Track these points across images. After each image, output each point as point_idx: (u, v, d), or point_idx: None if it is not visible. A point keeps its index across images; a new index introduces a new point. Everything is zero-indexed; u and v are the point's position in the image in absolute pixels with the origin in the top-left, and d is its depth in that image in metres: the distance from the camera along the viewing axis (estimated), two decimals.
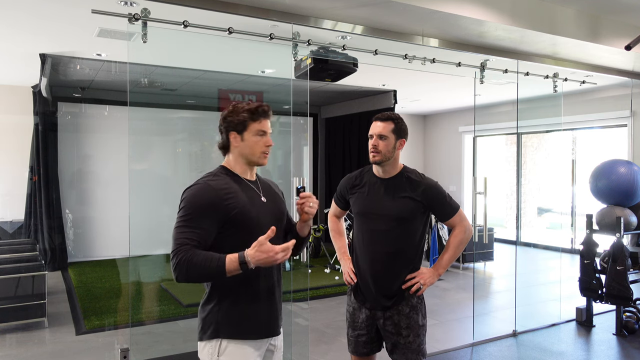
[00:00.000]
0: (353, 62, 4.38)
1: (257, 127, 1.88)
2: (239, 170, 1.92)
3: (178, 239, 1.73)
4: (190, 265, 1.68)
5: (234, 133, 1.88)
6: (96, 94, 7.43)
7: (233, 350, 1.82)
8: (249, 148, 1.88)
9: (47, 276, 4.72)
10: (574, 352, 4.23)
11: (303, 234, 2.03)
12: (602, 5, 4.22)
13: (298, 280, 5.89)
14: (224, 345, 1.82)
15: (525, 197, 10.05)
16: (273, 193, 2.02)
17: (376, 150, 2.34)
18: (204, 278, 1.77)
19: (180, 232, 1.74)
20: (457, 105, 9.20)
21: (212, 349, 1.83)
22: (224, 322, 1.83)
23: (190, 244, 1.71)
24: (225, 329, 1.82)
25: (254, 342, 1.86)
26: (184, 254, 1.69)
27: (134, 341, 4.20)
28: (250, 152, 1.89)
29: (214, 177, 1.86)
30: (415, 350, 2.35)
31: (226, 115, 1.91)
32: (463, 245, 2.41)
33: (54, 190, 6.94)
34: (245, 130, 1.87)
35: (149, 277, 6.53)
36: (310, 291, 5.69)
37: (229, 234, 1.81)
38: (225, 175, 1.89)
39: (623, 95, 6.60)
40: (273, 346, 1.97)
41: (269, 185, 2.04)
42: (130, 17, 3.18)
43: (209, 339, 1.84)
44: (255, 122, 1.88)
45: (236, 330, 1.83)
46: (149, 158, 7.87)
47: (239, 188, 1.87)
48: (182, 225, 1.75)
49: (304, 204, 1.94)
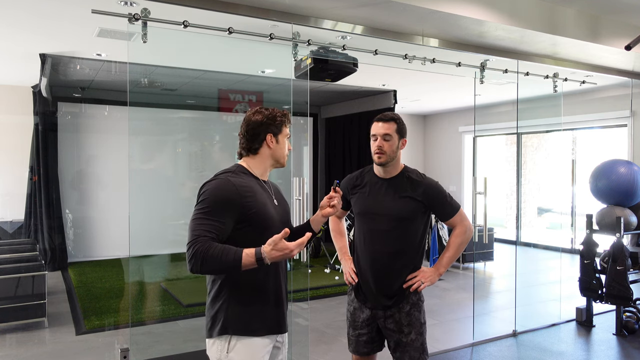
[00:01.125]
0: (353, 62, 4.38)
1: (287, 131, 2.02)
2: (259, 172, 1.99)
3: (196, 230, 1.74)
4: (207, 257, 1.69)
5: (270, 135, 1.96)
6: (96, 94, 7.44)
7: (242, 347, 1.85)
8: (281, 150, 2.00)
9: (47, 276, 4.72)
10: (574, 352, 4.23)
11: (317, 230, 2.09)
12: (602, 5, 4.22)
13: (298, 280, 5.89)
14: (233, 342, 1.84)
15: (525, 197, 10.05)
16: (281, 197, 2.09)
17: (381, 151, 2.34)
18: (218, 271, 1.78)
19: (198, 224, 1.76)
20: (457, 105, 9.20)
21: (221, 346, 1.85)
22: (233, 319, 1.85)
23: (208, 235, 1.73)
24: (234, 325, 1.85)
25: (262, 338, 1.89)
26: (201, 245, 1.71)
27: (134, 341, 4.20)
28: (282, 154, 2.01)
29: (233, 175, 1.90)
30: (419, 349, 2.36)
31: (263, 118, 1.96)
32: (464, 245, 2.42)
33: (54, 190, 6.94)
34: (280, 133, 1.99)
35: (149, 277, 6.52)
36: (310, 291, 5.69)
37: (243, 232, 1.84)
38: (244, 174, 1.94)
39: (623, 95, 6.60)
40: (280, 343, 2.01)
41: (277, 189, 2.11)
42: (130, 17, 3.18)
43: (218, 336, 1.86)
44: (287, 126, 2.02)
45: (245, 327, 1.85)
46: (149, 158, 7.87)
47: (259, 188, 1.93)
48: (201, 217, 1.77)
49: (335, 198, 2.03)
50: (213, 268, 1.73)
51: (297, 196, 3.68)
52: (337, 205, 2.04)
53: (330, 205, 2.04)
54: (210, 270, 1.76)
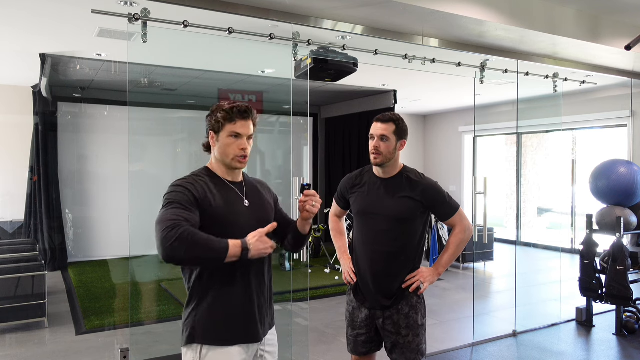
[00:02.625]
0: (353, 62, 4.38)
1: (232, 128, 1.78)
2: (220, 171, 1.86)
3: (173, 214, 1.61)
4: (195, 240, 1.56)
5: (211, 133, 1.83)
6: (96, 94, 7.43)
7: (214, 356, 1.75)
8: (222, 150, 1.81)
9: (47, 276, 4.72)
10: (574, 352, 4.23)
11: (304, 232, 1.96)
12: (602, 5, 4.22)
13: (298, 280, 5.90)
14: (204, 351, 1.75)
15: (525, 197, 10.05)
16: (259, 195, 1.94)
17: (377, 152, 2.33)
18: (200, 259, 1.63)
19: (172, 212, 1.62)
20: (457, 105, 9.20)
21: (193, 356, 1.76)
22: (199, 327, 1.76)
23: (181, 220, 1.60)
24: (200, 333, 1.76)
25: (236, 347, 1.78)
26: (186, 229, 1.57)
27: (134, 341, 4.20)
28: (224, 154, 1.81)
29: (195, 178, 1.81)
30: (415, 350, 2.35)
31: (208, 113, 1.84)
32: (463, 245, 2.41)
33: (54, 190, 6.94)
34: (221, 131, 1.80)
35: (149, 277, 6.52)
36: (310, 291, 5.69)
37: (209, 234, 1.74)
38: (206, 176, 1.83)
39: (623, 95, 6.61)
40: (263, 351, 1.89)
41: (256, 187, 1.97)
42: (130, 17, 3.18)
43: (186, 344, 1.78)
44: (230, 122, 1.78)
45: (211, 336, 1.76)
46: (149, 158, 7.87)
47: (217, 190, 1.80)
48: (166, 209, 1.65)
49: (307, 202, 1.87)
50: (197, 255, 1.58)
51: (297, 196, 3.68)
52: (311, 209, 1.87)
53: (305, 209, 1.87)
54: (193, 258, 1.59)
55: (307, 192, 1.88)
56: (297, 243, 2.02)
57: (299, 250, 2.14)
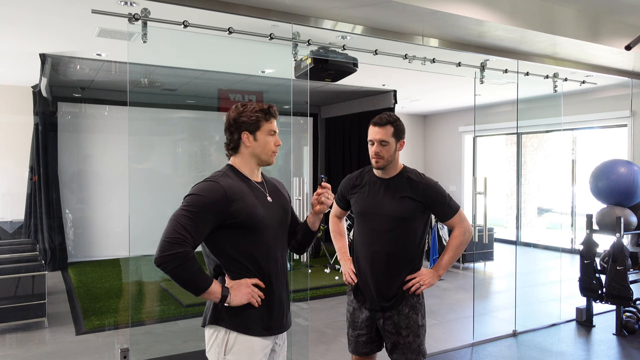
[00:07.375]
0: (353, 62, 4.38)
1: (269, 127, 1.91)
2: (247, 171, 1.93)
3: (179, 226, 1.72)
4: (186, 265, 1.69)
5: (246, 133, 1.89)
6: (96, 94, 7.43)
7: (239, 342, 1.83)
8: (261, 147, 1.91)
9: (47, 276, 4.72)
10: (574, 352, 4.23)
11: (314, 228, 2.05)
12: (602, 5, 4.22)
13: (298, 280, 5.89)
14: (230, 336, 1.83)
15: (525, 197, 10.05)
16: (279, 193, 2.03)
17: (379, 157, 2.33)
18: (182, 281, 1.74)
19: (182, 221, 1.73)
20: (457, 105, 9.20)
21: (218, 334, 1.84)
22: (225, 310, 1.83)
23: (188, 239, 1.71)
24: (226, 317, 1.83)
25: (259, 338, 1.86)
26: (187, 251, 1.70)
27: (134, 341, 4.20)
28: (263, 152, 1.91)
29: (223, 177, 1.86)
30: (415, 351, 2.35)
31: (237, 115, 1.90)
32: (463, 246, 2.41)
33: (54, 190, 6.94)
34: (258, 130, 1.90)
35: (149, 277, 6.52)
36: (310, 291, 5.69)
37: (235, 234, 1.82)
38: (234, 175, 1.90)
39: (623, 95, 6.61)
40: (277, 345, 1.98)
41: (275, 185, 2.05)
42: (130, 17, 3.18)
43: (210, 324, 1.86)
44: (268, 122, 1.91)
45: (238, 322, 1.83)
46: (149, 158, 7.86)
47: (248, 190, 1.88)
48: (188, 216, 1.74)
49: (323, 194, 1.96)
50: (182, 276, 1.71)
51: (297, 196, 3.68)
52: (325, 201, 1.98)
53: (319, 202, 1.97)
54: (177, 277, 1.72)
55: (325, 185, 1.99)
56: (305, 241, 2.08)
57: (304, 252, 2.17)
